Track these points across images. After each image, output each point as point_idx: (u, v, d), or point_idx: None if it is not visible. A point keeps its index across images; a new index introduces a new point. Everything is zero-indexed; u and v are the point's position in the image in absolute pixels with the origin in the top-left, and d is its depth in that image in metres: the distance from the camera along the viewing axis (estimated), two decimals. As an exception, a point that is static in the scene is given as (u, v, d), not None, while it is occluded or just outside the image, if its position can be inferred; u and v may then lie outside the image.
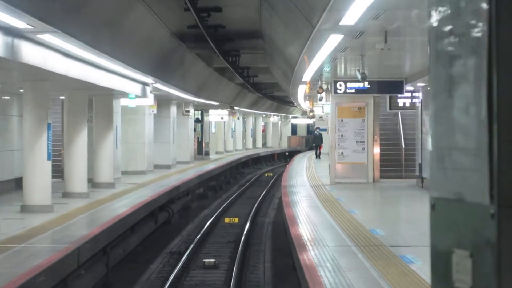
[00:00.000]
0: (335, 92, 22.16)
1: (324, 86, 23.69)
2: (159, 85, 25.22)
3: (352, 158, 24.10)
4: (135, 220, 17.79)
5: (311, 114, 54.17)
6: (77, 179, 19.49)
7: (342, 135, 24.10)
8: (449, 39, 2.34)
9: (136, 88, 22.55)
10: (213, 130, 56.84)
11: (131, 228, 17.75)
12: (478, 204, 2.18)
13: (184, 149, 38.18)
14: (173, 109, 34.63)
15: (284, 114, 76.15)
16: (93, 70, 17.28)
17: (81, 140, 19.59)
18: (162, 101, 33.31)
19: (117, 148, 25.18)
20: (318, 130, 45.79)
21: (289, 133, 79.87)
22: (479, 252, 2.18)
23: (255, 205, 29.65)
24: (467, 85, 2.25)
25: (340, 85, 21.92)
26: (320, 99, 25.24)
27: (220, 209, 28.24)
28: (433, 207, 2.45)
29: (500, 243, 2.11)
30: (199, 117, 45.64)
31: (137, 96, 23.88)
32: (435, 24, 2.42)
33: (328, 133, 43.84)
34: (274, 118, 72.44)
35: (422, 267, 9.43)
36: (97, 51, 14.78)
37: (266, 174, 49.55)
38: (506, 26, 2.12)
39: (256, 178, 46.11)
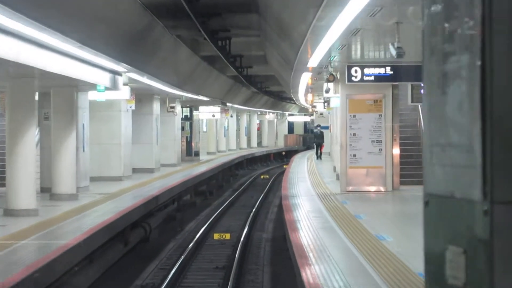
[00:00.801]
0: (349, 80, 17.88)
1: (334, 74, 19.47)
2: (133, 75, 21.00)
3: (367, 161, 19.89)
4: (94, 247, 13.58)
5: (312, 110, 50.07)
6: (22, 192, 15.21)
7: (354, 134, 19.88)
8: (442, 36, 2.36)
9: (103, 78, 18.30)
10: (204, 129, 52.67)
11: (88, 258, 13.53)
12: (471, 201, 2.19)
13: (170, 150, 33.95)
14: (156, 105, 30.38)
15: (280, 111, 71.92)
16: (40, 52, 13.08)
17: (27, 142, 15.31)
18: (143, 96, 29.06)
19: (84, 150, 20.91)
20: (319, 128, 41.57)
21: (286, 132, 75.67)
22: (473, 249, 2.19)
23: (250, 216, 25.44)
24: (460, 81, 2.26)
25: (356, 71, 17.62)
26: (327, 91, 21.00)
27: (210, 220, 24.04)
28: (426, 203, 2.46)
29: (493, 239, 2.11)
30: (188, 114, 41.40)
31: (107, 88, 19.63)
32: (428, 20, 2.43)
33: (330, 131, 39.70)
34: (269, 116, 68.23)
35: None
36: (39, 24, 10.66)
37: (262, 177, 45.36)
38: (499, 22, 2.12)
39: (251, 182, 41.88)
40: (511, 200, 2.14)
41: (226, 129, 57.58)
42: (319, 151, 40.89)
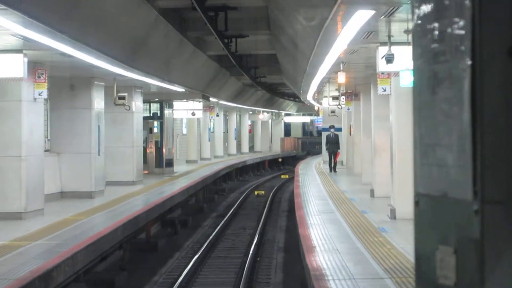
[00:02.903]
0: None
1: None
2: (35, 35, 10.83)
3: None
4: None
5: (318, 108, 39.76)
6: None
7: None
8: (433, 35, 2.37)
9: None
10: (184, 131, 42.35)
11: None
12: (461, 201, 2.21)
13: (125, 162, 23.65)
14: (97, 95, 20.00)
15: (276, 110, 61.52)
16: None
17: None
18: (76, 80, 18.79)
19: None
20: (333, 130, 31.21)
21: (282, 134, 65.29)
22: (463, 249, 2.21)
23: (243, 275, 15.11)
24: (450, 82, 2.27)
25: None
26: (389, 58, 10.74)
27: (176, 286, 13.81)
28: (417, 203, 2.47)
29: (484, 239, 2.13)
30: (158, 111, 31.04)
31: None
32: (419, 20, 2.45)
33: (351, 133, 29.45)
34: (263, 115, 57.86)
35: None
36: None
37: (256, 193, 34.98)
38: (489, 23, 2.13)
39: (242, 201, 31.48)
40: (501, 199, 2.14)
41: (212, 131, 47.34)
42: (333, 161, 30.57)
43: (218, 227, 22.53)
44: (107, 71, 17.22)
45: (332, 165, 30.52)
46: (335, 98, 23.94)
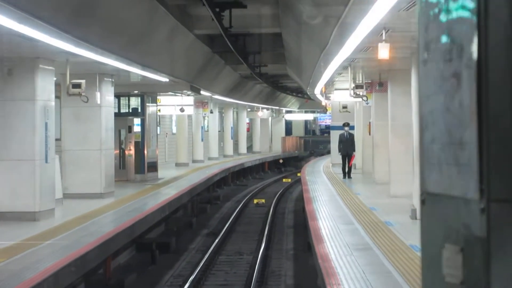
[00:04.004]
0: None
1: None
2: None
3: None
4: None
5: (326, 104, 34.75)
6: None
7: None
8: (438, 33, 2.35)
9: None
10: (174, 130, 37.40)
11: None
12: (468, 199, 2.19)
13: (89, 169, 18.71)
14: (43, 81, 14.88)
15: (277, 107, 56.50)
16: None
17: None
18: (12, 61, 13.85)
19: None
20: (347, 128, 26.17)
21: (283, 133, 60.25)
22: (469, 247, 2.20)
23: None
24: (456, 80, 2.25)
25: None
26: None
27: None
28: (423, 202, 2.46)
29: (490, 237, 2.11)
30: (139, 107, 26.06)
31: None
32: (423, 18, 2.44)
33: (370, 132, 24.46)
34: (263, 113, 52.84)
35: None
36: None
37: (255, 202, 30.02)
38: (495, 20, 2.12)
39: (239, 212, 26.51)
40: (507, 198, 2.13)
41: (206, 130, 42.42)
42: (347, 165, 25.57)
43: (208, 252, 17.58)
44: (52, 47, 12.25)
45: (346, 170, 25.53)
46: (359, 86, 18.85)
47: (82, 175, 18.69)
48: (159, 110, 31.37)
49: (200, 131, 38.59)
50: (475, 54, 2.15)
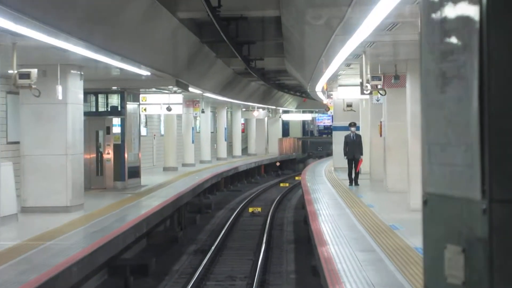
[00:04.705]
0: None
1: None
2: None
3: None
4: None
5: (328, 103, 31.79)
6: None
7: None
8: (440, 34, 2.35)
9: None
10: (162, 131, 34.50)
11: None
12: (470, 200, 2.19)
13: (52, 178, 15.77)
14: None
15: (273, 107, 53.55)
16: None
17: None
18: None
19: None
20: (354, 129, 23.15)
21: (279, 134, 57.28)
22: (471, 248, 2.19)
23: None
24: (458, 80, 2.26)
25: None
26: None
27: None
28: (425, 202, 2.47)
29: (492, 238, 2.11)
30: (119, 105, 23.09)
31: None
32: (426, 19, 2.43)
33: (381, 133, 21.50)
34: (259, 112, 49.84)
35: None
36: None
37: (250, 210, 27.09)
38: (497, 21, 2.12)
39: (232, 223, 23.54)
40: (509, 198, 2.12)
41: (197, 131, 39.52)
42: (353, 170, 22.63)
43: (195, 277, 14.64)
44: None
45: (353, 175, 22.58)
46: (375, 78, 15.81)
47: (44, 185, 15.76)
48: (145, 109, 28.49)
49: (190, 132, 35.60)
50: (477, 55, 2.13)
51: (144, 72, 18.71)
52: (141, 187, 23.14)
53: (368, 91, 15.19)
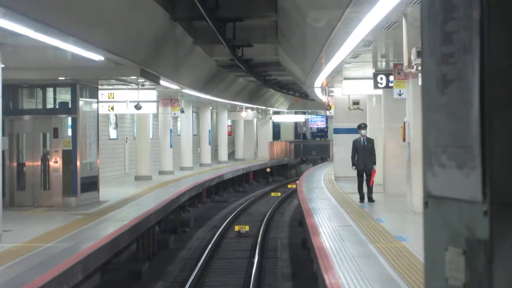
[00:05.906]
0: None
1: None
2: None
3: None
4: None
5: (328, 102, 27.13)
6: None
7: None
8: (441, 37, 2.34)
9: None
10: (134, 134, 29.93)
11: None
12: (471, 202, 2.18)
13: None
14: None
15: (263, 107, 49.08)
16: None
17: None
18: None
19: None
20: (364, 132, 18.43)
21: (270, 138, 52.80)
22: (472, 250, 2.18)
23: None
24: (459, 82, 2.25)
25: None
26: None
27: None
28: (426, 205, 2.45)
29: (493, 240, 2.10)
30: (69, 101, 18.42)
31: None
32: (427, 21, 2.42)
33: (384, 139, 16.82)
34: (247, 113, 45.30)
35: None
36: None
37: (236, 229, 22.46)
38: (498, 23, 2.11)
39: (213, 248, 18.84)
40: (510, 200, 2.11)
41: (178, 134, 34.97)
42: (364, 184, 18.03)
43: None
44: None
45: (366, 190, 17.97)
46: (398, 65, 11.29)
47: None
48: (112, 108, 23.95)
49: (168, 135, 31.00)
50: (478, 58, 2.12)
51: (95, 56, 14.12)
52: (99, 203, 18.54)
53: (413, 74, 10.59)
